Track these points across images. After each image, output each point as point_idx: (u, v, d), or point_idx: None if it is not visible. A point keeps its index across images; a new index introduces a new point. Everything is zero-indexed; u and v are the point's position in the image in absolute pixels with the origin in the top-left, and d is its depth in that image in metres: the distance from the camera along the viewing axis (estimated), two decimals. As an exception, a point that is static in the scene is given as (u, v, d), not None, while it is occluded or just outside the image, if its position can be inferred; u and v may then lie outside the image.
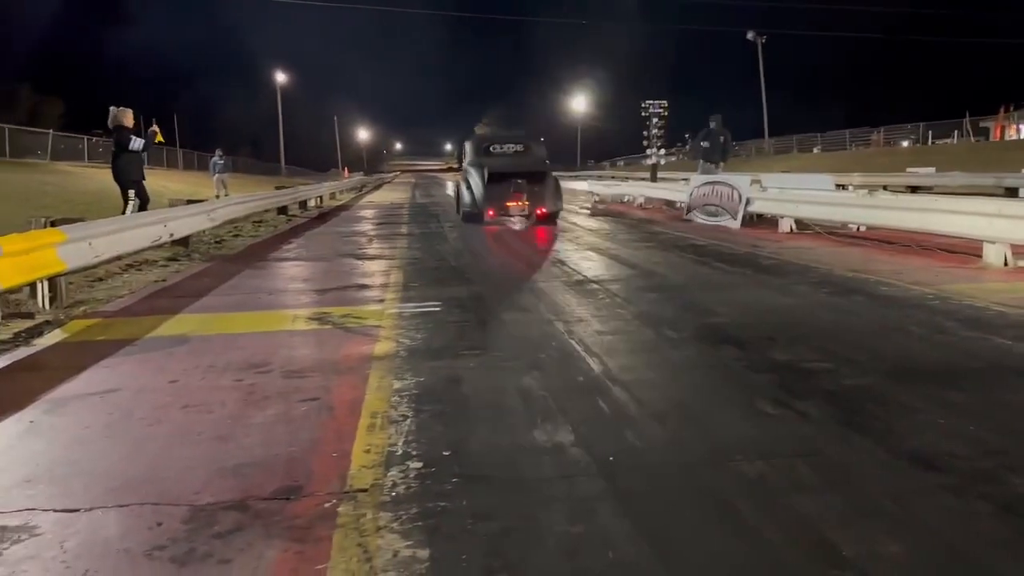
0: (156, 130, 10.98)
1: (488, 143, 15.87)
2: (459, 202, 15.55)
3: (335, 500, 2.57)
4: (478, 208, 14.21)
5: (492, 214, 13.95)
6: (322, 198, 25.54)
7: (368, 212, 21.01)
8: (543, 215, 14.03)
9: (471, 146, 15.78)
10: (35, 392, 3.89)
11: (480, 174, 14.20)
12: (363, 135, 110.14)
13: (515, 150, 15.62)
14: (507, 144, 15.79)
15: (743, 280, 7.39)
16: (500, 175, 14.04)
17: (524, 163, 14.87)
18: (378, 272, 8.36)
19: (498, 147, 15.63)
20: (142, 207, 10.61)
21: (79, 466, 2.95)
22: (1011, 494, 2.53)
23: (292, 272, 8.68)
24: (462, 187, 15.16)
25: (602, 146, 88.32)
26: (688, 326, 5.24)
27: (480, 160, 14.80)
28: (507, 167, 14.43)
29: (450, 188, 22.17)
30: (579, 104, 79.20)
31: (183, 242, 10.35)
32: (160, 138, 11.28)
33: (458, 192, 15.92)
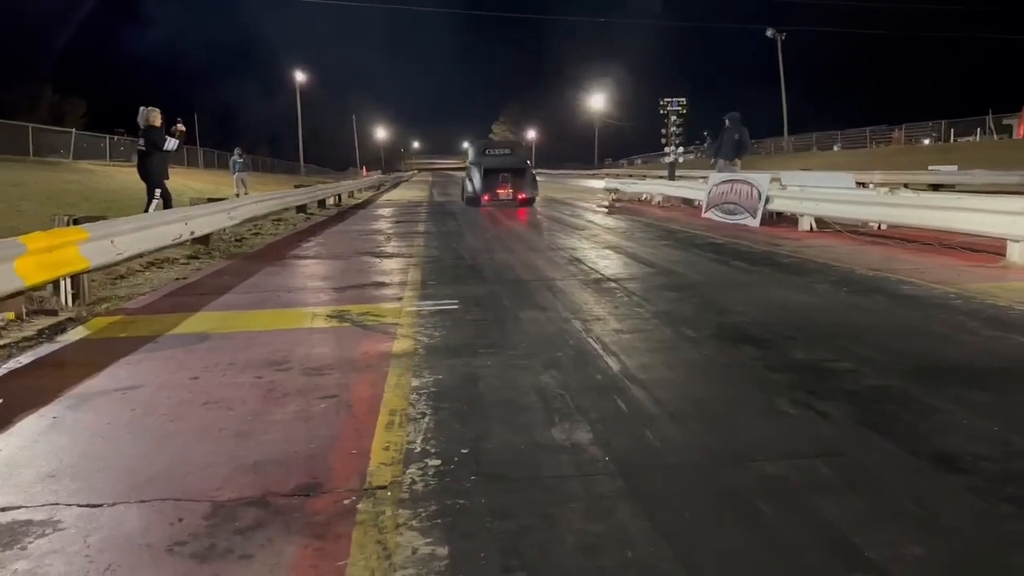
0: (183, 128, 11.12)
1: (484, 148, 21.74)
2: (463, 191, 21.39)
3: (354, 497, 2.59)
4: (477, 195, 19.52)
5: (487, 199, 19.28)
6: (340, 196, 25.64)
7: (386, 210, 21.06)
8: (523, 199, 19.56)
9: (472, 150, 21.53)
10: (58, 388, 3.93)
11: (479, 170, 19.67)
12: (381, 134, 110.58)
13: (503, 153, 21.50)
14: (498, 148, 22.13)
15: (762, 279, 7.34)
16: (492, 171, 19.64)
17: (509, 162, 20.51)
18: (396, 270, 8.39)
19: (491, 151, 21.60)
20: (166, 205, 10.74)
21: (102, 462, 2.98)
22: (1037, 496, 2.49)
23: (311, 270, 8.72)
24: (466, 180, 20.87)
25: (620, 144, 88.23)
26: (707, 325, 5.21)
27: (478, 160, 20.32)
28: (497, 165, 20.02)
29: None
30: (597, 102, 79.13)
31: (204, 240, 10.42)
32: (183, 136, 11.46)
33: (463, 184, 21.77)
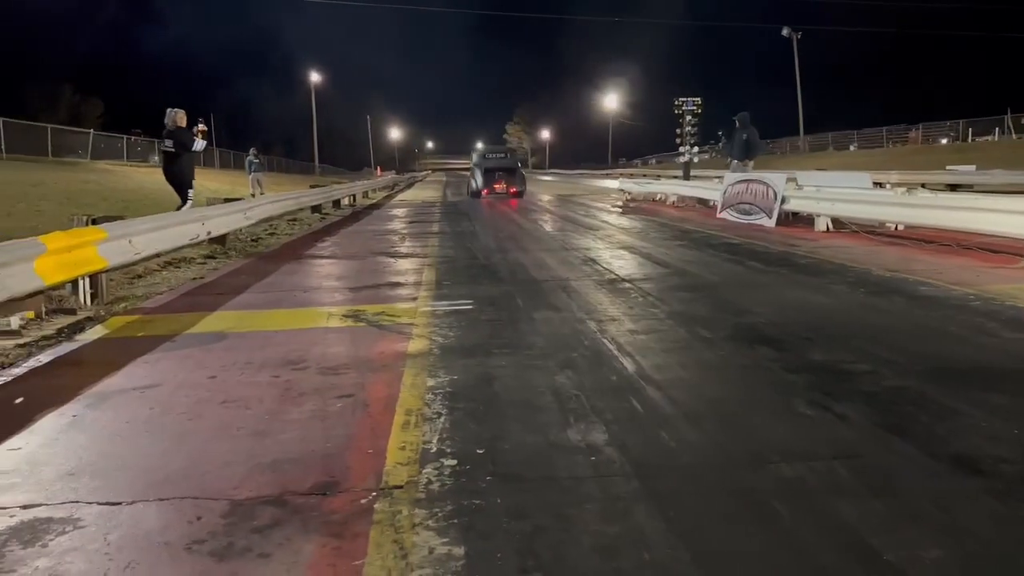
0: (204, 129, 11.24)
1: (484, 153, 28.87)
2: (469, 187, 28.31)
3: (371, 496, 2.60)
4: (479, 189, 26.19)
5: (486, 192, 25.93)
6: (355, 197, 25.73)
7: (400, 211, 21.13)
8: (514, 192, 26.08)
9: (475, 155, 28.91)
10: (78, 387, 3.97)
11: (480, 171, 26.68)
12: (395, 134, 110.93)
13: (499, 157, 28.70)
14: (495, 153, 29.51)
15: (779, 279, 7.30)
16: (490, 170, 26.47)
17: (504, 164, 27.47)
18: (410, 270, 8.41)
19: (490, 155, 28.53)
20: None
21: (121, 460, 3.01)
22: (1059, 500, 2.47)
23: (326, 270, 8.76)
24: (471, 179, 28.15)
25: (634, 144, 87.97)
26: (723, 326, 5.19)
27: (480, 163, 27.32)
28: (494, 166, 26.87)
29: None
30: (611, 102, 78.98)
31: (220, 240, 10.49)
32: (204, 136, 11.61)
33: (468, 181, 29.24)
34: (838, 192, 12.10)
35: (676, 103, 30.84)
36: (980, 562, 2.13)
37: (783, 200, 12.81)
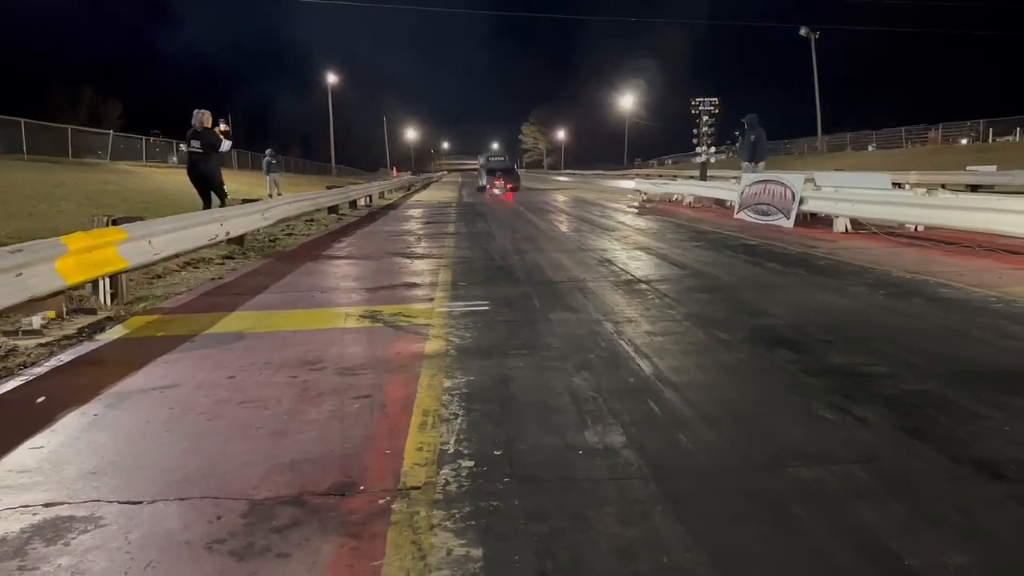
0: (225, 128, 11.35)
1: (488, 157, 38.09)
2: (477, 184, 36.52)
3: (389, 497, 2.60)
4: (483, 186, 33.60)
5: (488, 188, 32.51)
6: (371, 197, 25.84)
7: (416, 211, 21.18)
8: (511, 187, 31.91)
9: (482, 159, 38.52)
10: (98, 386, 4.01)
11: (485, 171, 35.12)
12: (411, 135, 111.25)
13: (499, 160, 38.09)
14: (496, 158, 38.78)
15: (797, 281, 7.25)
16: (492, 171, 34.34)
17: (503, 166, 35.97)
18: (427, 271, 8.43)
19: (492, 159, 37.75)
20: (206, 206, 10.93)
21: (141, 459, 3.03)
22: (1084, 506, 2.43)
23: (343, 271, 8.80)
24: (478, 178, 36.93)
25: (650, 144, 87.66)
26: (740, 327, 5.16)
27: (485, 165, 36.44)
28: (495, 167, 35.02)
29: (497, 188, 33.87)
30: (627, 102, 78.78)
31: (239, 240, 10.56)
32: (227, 136, 11.76)
33: (477, 180, 38.02)
34: (857, 193, 12.01)
35: (693, 103, 31.13)
36: (1003, 568, 2.11)
37: (801, 201, 12.73)
